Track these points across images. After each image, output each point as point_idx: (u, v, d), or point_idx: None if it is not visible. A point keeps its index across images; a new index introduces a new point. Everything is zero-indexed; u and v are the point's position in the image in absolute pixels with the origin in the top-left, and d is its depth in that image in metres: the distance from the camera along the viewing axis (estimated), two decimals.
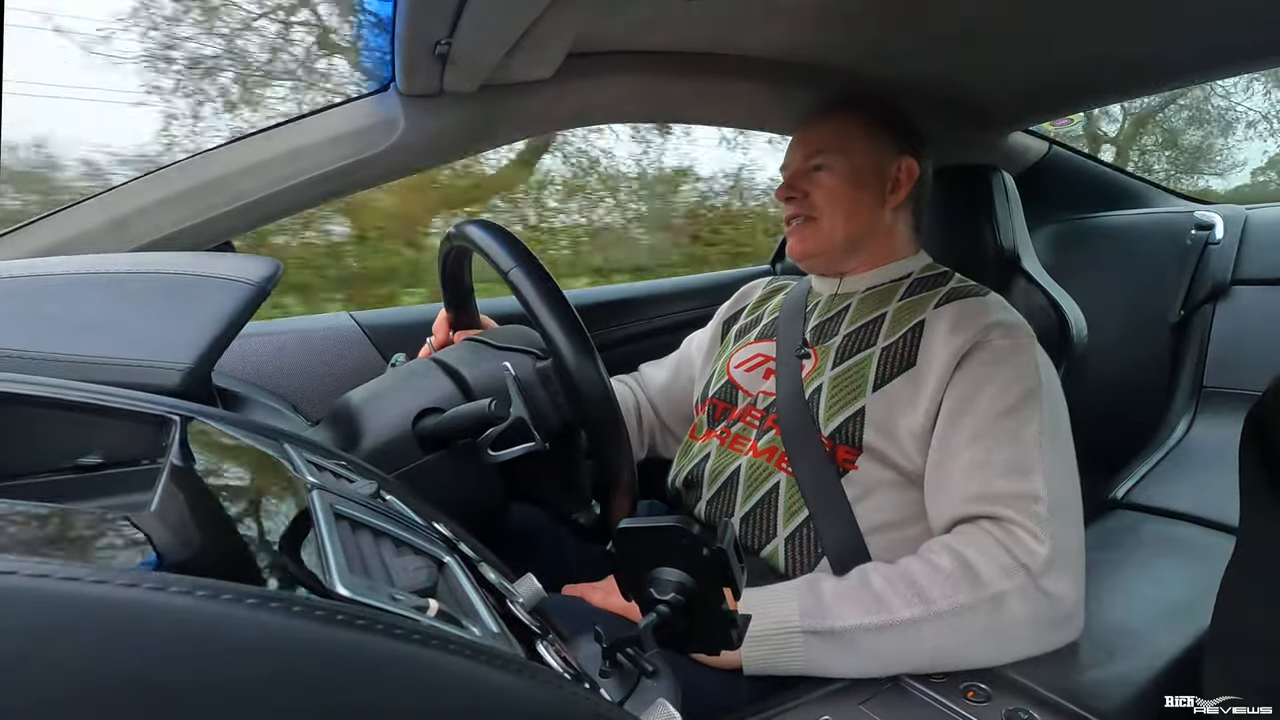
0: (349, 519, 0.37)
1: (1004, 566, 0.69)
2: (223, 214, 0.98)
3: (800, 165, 0.97)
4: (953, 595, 0.68)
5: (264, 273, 0.70)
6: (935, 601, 0.68)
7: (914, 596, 0.69)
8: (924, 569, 0.71)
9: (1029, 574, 0.68)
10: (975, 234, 1.22)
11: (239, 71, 2.47)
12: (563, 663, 0.39)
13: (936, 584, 0.69)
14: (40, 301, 0.64)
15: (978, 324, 0.81)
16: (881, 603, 0.69)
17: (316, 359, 1.15)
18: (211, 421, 0.50)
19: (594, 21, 0.94)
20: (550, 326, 0.68)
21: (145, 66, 2.35)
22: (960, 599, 0.68)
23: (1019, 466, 0.74)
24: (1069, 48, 1.09)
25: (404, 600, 0.31)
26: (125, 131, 2.45)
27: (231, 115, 2.51)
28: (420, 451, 0.73)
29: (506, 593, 0.44)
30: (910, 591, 0.69)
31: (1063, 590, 0.69)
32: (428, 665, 0.26)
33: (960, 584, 0.69)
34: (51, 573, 0.21)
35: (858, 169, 0.94)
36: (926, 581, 0.70)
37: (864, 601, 0.70)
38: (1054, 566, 0.69)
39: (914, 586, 0.70)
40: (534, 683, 0.30)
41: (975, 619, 0.68)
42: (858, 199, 0.94)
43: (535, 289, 0.69)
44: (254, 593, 0.23)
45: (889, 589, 0.70)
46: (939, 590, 0.69)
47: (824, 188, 0.94)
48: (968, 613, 0.68)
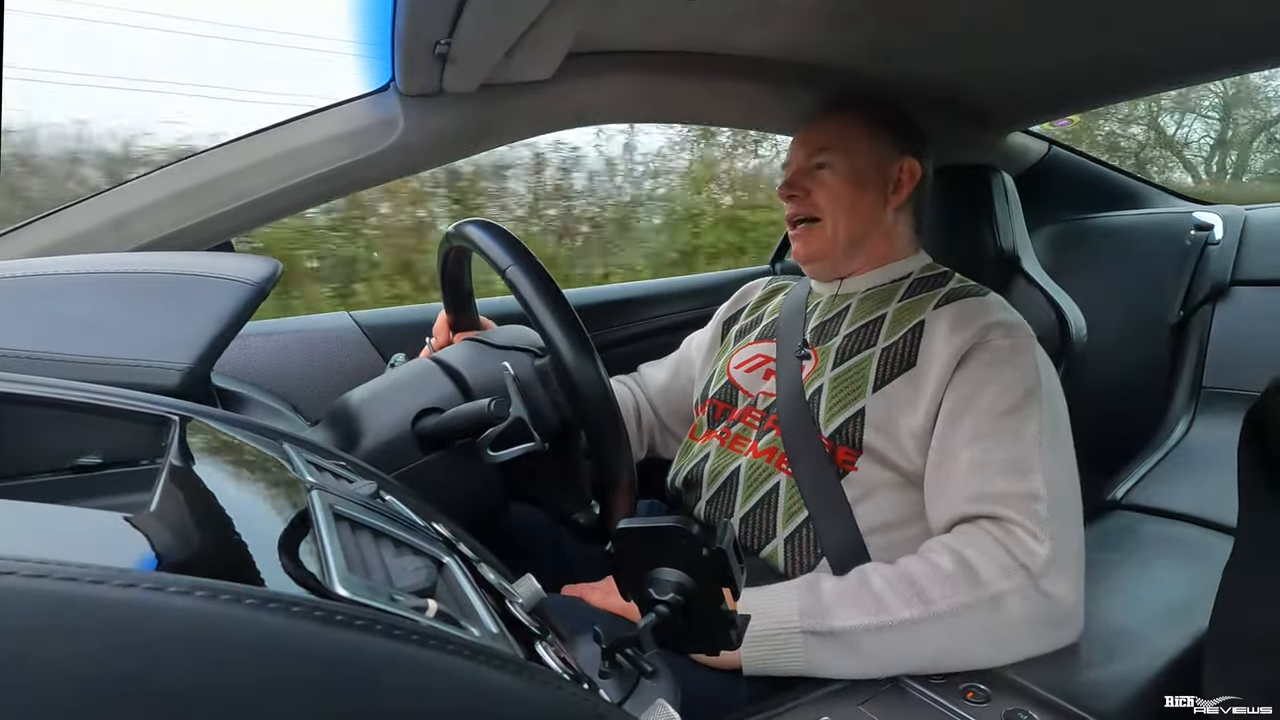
0: (348, 519, 0.37)
1: (1003, 566, 0.69)
2: (222, 214, 0.97)
3: (803, 164, 0.97)
4: (952, 595, 0.68)
5: (263, 273, 0.70)
6: (935, 602, 0.68)
7: (914, 597, 0.69)
8: (924, 569, 0.71)
9: (1028, 574, 0.68)
10: (975, 234, 1.22)
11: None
12: (562, 663, 0.39)
13: (936, 584, 0.69)
14: (40, 301, 0.64)
15: (978, 324, 0.81)
16: (881, 603, 0.69)
17: (316, 359, 1.15)
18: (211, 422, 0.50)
19: (594, 21, 0.94)
20: (549, 326, 0.68)
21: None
22: (960, 599, 0.68)
23: (1019, 466, 0.74)
24: (1069, 48, 1.09)
25: (403, 601, 0.31)
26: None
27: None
28: (419, 452, 0.73)
29: (506, 593, 0.44)
30: (910, 592, 0.69)
31: (1062, 591, 0.69)
32: (427, 666, 0.26)
33: (960, 584, 0.69)
34: (50, 572, 0.21)
35: (860, 168, 0.94)
36: (926, 581, 0.70)
37: (864, 602, 0.70)
38: (1053, 567, 0.69)
39: (914, 587, 0.70)
40: (533, 683, 0.30)
41: (975, 619, 0.68)
42: (860, 198, 0.94)
43: (534, 288, 0.69)
44: (253, 593, 0.23)
45: (889, 589, 0.70)
46: (938, 590, 0.69)
47: (826, 187, 0.94)
48: (967, 613, 0.68)
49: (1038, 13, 0.98)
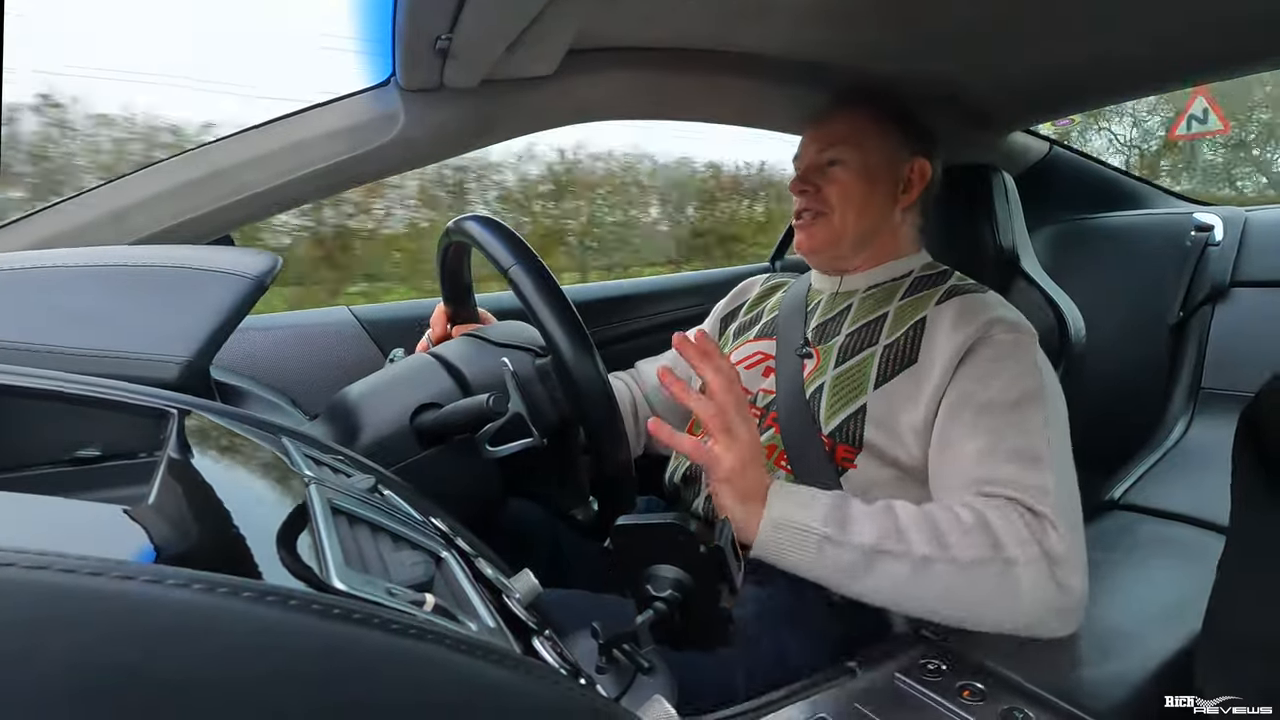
0: (346, 513, 0.37)
1: (1021, 537, 0.69)
2: (222, 207, 0.97)
3: (814, 159, 0.97)
4: (970, 548, 0.68)
5: (263, 266, 0.70)
6: (952, 548, 0.68)
7: (934, 537, 0.69)
8: (947, 516, 0.71)
9: (1045, 555, 0.68)
10: (975, 234, 1.22)
11: None
12: (559, 658, 0.39)
13: (956, 533, 0.69)
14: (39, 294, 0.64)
15: (980, 319, 0.81)
16: (902, 534, 0.70)
17: (315, 353, 1.15)
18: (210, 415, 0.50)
19: (595, 17, 0.94)
20: (549, 323, 0.68)
21: None
22: (976, 553, 0.68)
23: (1028, 455, 0.74)
24: (1069, 48, 1.09)
25: (401, 595, 0.31)
26: None
27: None
28: (418, 446, 0.73)
29: (503, 588, 0.44)
30: (931, 532, 0.69)
31: (1075, 583, 0.69)
32: (424, 660, 0.26)
33: (978, 539, 0.69)
34: (49, 564, 0.21)
35: (871, 165, 0.94)
36: (947, 528, 0.70)
37: (886, 527, 0.70)
38: (1068, 559, 0.69)
39: (935, 529, 0.70)
40: (530, 678, 0.30)
41: (986, 576, 0.68)
42: (870, 195, 0.94)
43: (534, 285, 0.69)
44: (251, 586, 0.23)
45: (912, 524, 0.70)
46: (957, 538, 0.69)
47: (838, 182, 0.94)
48: (979, 567, 0.68)
49: (1038, 12, 0.97)
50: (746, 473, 0.72)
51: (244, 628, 0.23)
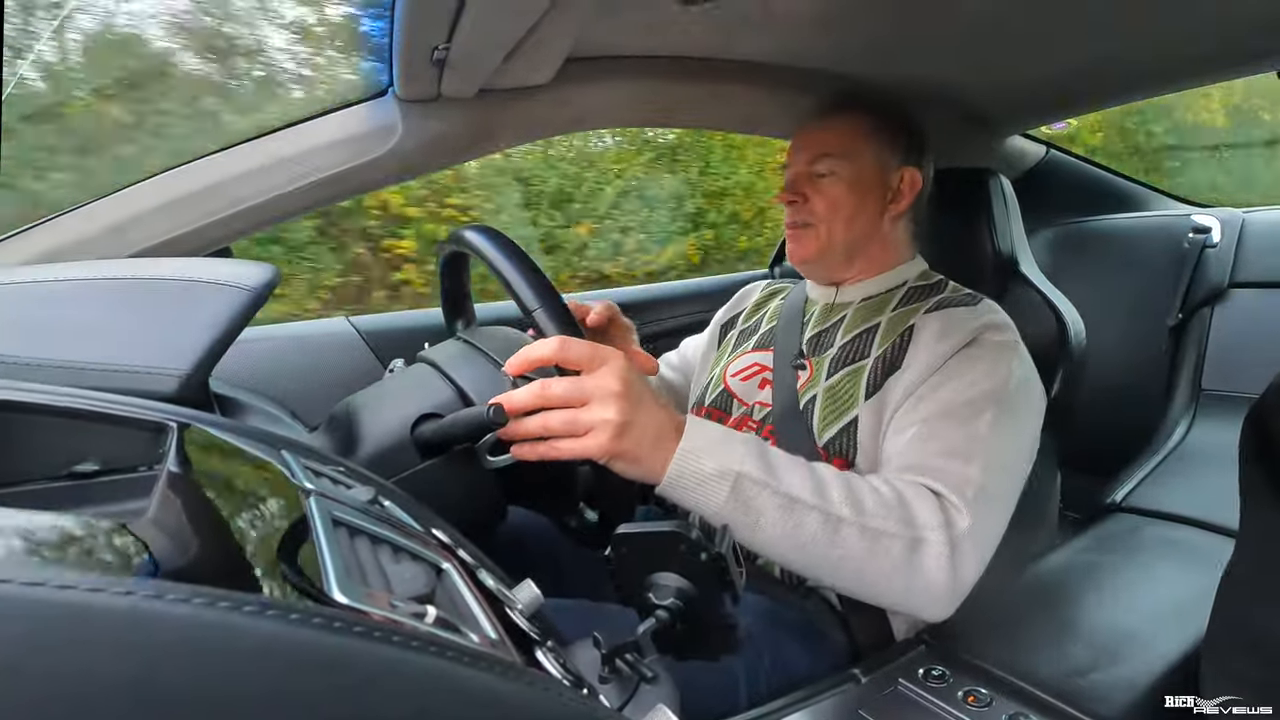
0: (347, 525, 0.37)
1: (932, 520, 0.69)
2: (221, 219, 0.98)
3: (803, 168, 0.97)
4: (883, 520, 0.68)
5: (262, 278, 0.70)
6: (867, 514, 0.68)
7: (850, 500, 0.69)
8: (866, 485, 0.71)
9: (949, 539, 0.69)
10: (973, 238, 1.22)
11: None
12: (562, 669, 0.39)
13: (872, 501, 0.69)
14: (37, 307, 0.64)
15: (967, 328, 0.82)
16: (822, 489, 0.69)
17: (314, 365, 1.15)
18: (208, 428, 0.49)
19: (592, 26, 0.94)
20: (551, 333, 0.68)
21: None
22: (889, 525, 0.68)
23: (960, 451, 0.74)
24: (1068, 51, 1.10)
25: (402, 607, 0.31)
26: None
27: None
28: (418, 457, 0.73)
29: (505, 599, 0.44)
30: (849, 495, 0.69)
31: (966, 572, 0.70)
32: (426, 673, 0.26)
33: (893, 513, 0.69)
34: (47, 581, 0.21)
35: (862, 176, 0.94)
36: (865, 495, 0.70)
37: (806, 479, 0.69)
38: (968, 541, 0.69)
39: (854, 493, 0.69)
40: (533, 689, 0.30)
41: (892, 549, 0.68)
42: (860, 207, 0.94)
43: (536, 295, 0.69)
44: (251, 600, 0.23)
45: (832, 482, 0.70)
46: (873, 506, 0.69)
47: (826, 194, 0.94)
48: (888, 539, 0.68)
49: (1036, 16, 0.98)
50: (633, 429, 0.64)
51: (244, 642, 0.23)
